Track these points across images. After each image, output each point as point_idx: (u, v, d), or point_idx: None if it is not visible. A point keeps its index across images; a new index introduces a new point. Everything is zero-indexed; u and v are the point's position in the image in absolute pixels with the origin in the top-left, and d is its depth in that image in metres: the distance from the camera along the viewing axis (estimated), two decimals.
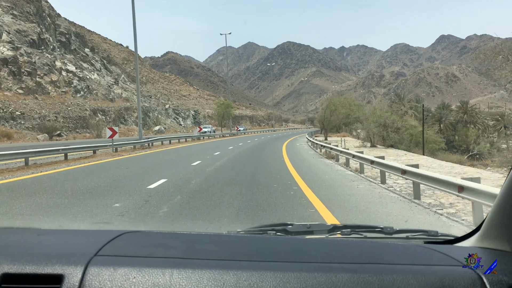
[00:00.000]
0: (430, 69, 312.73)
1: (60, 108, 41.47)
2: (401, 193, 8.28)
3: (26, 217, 5.98)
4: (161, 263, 0.98)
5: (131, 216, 5.93)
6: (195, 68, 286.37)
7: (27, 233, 1.36)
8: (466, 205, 6.57)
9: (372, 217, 5.96)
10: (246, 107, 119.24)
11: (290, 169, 12.47)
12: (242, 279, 0.92)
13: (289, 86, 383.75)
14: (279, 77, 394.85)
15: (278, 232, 1.64)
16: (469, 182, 5.48)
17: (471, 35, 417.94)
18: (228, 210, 6.31)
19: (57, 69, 50.27)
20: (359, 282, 0.92)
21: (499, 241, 1.12)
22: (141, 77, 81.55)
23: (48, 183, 9.60)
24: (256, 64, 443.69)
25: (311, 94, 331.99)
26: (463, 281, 0.94)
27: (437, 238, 1.55)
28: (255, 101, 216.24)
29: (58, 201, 7.26)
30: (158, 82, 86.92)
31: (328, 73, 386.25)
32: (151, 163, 15.24)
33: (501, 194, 1.10)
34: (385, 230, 1.63)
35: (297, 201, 7.18)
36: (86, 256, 0.99)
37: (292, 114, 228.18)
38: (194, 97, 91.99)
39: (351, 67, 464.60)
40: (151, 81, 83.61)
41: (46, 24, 62.55)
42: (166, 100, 77.74)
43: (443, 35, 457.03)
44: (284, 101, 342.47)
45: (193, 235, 1.34)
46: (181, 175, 10.81)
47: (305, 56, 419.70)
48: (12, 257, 0.99)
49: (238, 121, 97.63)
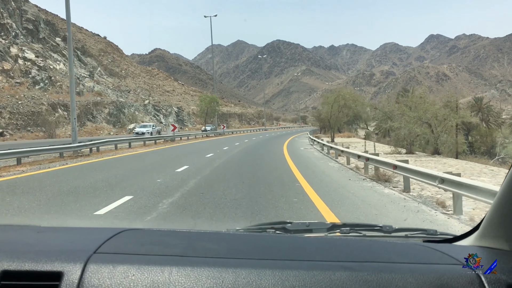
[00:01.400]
0: (420, 68, 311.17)
1: (7, 101, 34.35)
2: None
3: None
4: (160, 260, 0.98)
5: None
6: (183, 65, 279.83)
7: (26, 231, 1.36)
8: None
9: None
10: (235, 104, 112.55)
11: (324, 212, 6.19)
12: (241, 277, 0.92)
13: (279, 84, 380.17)
14: (269, 76, 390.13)
15: (277, 230, 1.63)
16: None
17: (460, 35, 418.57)
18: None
19: (11, 56, 43.05)
20: (358, 280, 0.93)
21: (498, 240, 1.12)
22: (120, 70, 74.49)
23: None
24: (246, 62, 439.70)
25: (301, 93, 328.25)
26: (461, 280, 0.94)
27: (436, 237, 1.54)
28: (245, 99, 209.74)
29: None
30: (139, 76, 79.76)
31: (318, 71, 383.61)
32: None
33: (500, 193, 1.11)
34: (384, 229, 1.62)
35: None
36: (86, 254, 0.99)
37: (282, 112, 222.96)
38: (178, 93, 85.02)
39: (341, 66, 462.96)
40: (131, 75, 76.44)
41: (9, 9, 55.38)
42: (147, 95, 70.82)
43: (432, 35, 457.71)
44: (274, 99, 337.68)
45: (192, 233, 1.34)
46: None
47: (295, 55, 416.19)
48: (12, 254, 1.00)
49: (226, 119, 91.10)
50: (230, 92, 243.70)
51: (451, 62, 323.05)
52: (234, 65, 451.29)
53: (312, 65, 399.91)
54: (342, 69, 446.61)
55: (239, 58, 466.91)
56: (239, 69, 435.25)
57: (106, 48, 75.77)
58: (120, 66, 75.55)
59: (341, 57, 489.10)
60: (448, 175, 6.43)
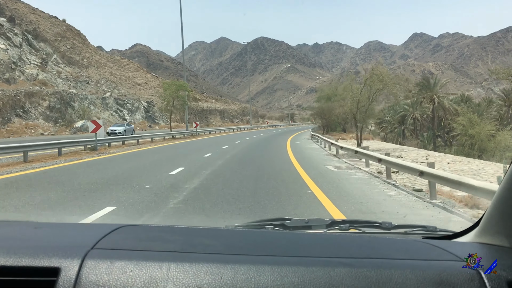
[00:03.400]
0: (406, 66, 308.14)
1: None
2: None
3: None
4: (158, 256, 0.98)
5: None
6: (165, 61, 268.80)
7: (23, 226, 1.36)
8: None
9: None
10: (217, 100, 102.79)
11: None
12: (239, 273, 0.92)
13: (263, 82, 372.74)
14: (253, 73, 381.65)
15: (276, 227, 1.62)
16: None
17: (443, 33, 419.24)
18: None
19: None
20: (357, 276, 0.92)
21: (498, 236, 1.12)
22: (81, 58, 64.01)
23: None
24: (229, 59, 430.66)
25: (285, 91, 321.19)
26: (461, 276, 0.94)
27: (436, 234, 1.54)
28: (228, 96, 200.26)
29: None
30: (105, 66, 69.27)
31: (302, 69, 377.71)
32: None
33: (500, 190, 1.10)
34: (383, 225, 1.62)
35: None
36: (83, 249, 0.98)
37: (266, 110, 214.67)
38: (152, 86, 74.84)
39: (325, 64, 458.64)
40: (95, 64, 65.93)
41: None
42: (112, 88, 60.65)
43: (416, 33, 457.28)
44: (258, 97, 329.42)
45: (190, 229, 1.34)
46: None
47: (279, 52, 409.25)
48: (9, 250, 0.99)
49: (205, 116, 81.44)
50: (213, 90, 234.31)
51: (436, 61, 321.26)
52: (218, 62, 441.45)
53: (297, 62, 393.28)
54: (326, 67, 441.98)
55: (223, 55, 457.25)
56: (222, 67, 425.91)
57: (65, 32, 64.97)
58: (82, 54, 64.99)
59: (325, 55, 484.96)
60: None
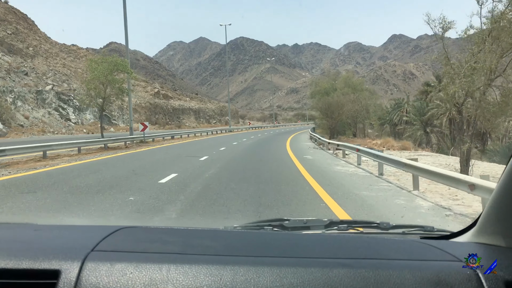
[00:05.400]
0: (387, 66, 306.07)
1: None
2: None
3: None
4: (158, 258, 0.98)
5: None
6: (141, 60, 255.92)
7: (23, 229, 1.36)
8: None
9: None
10: (191, 98, 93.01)
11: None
12: (239, 274, 0.92)
13: (243, 82, 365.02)
14: (232, 73, 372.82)
15: (275, 228, 1.63)
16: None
17: (422, 35, 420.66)
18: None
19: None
20: (356, 277, 0.92)
21: (495, 236, 1.12)
22: (26, 46, 53.72)
23: None
24: (208, 59, 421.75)
25: (265, 91, 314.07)
26: (459, 276, 0.94)
27: (433, 234, 1.55)
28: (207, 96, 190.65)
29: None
30: (57, 56, 59.05)
31: (282, 70, 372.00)
32: None
33: (497, 189, 1.10)
34: (381, 226, 1.63)
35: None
36: (83, 251, 0.98)
37: (246, 111, 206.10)
38: None
39: (305, 64, 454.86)
40: (44, 54, 55.70)
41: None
42: (61, 81, 50.60)
43: (395, 35, 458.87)
44: (237, 97, 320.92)
45: (189, 230, 1.34)
46: None
47: (259, 52, 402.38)
48: (9, 253, 0.99)
49: (178, 116, 72.01)
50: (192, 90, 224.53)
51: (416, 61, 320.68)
52: (197, 63, 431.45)
53: (277, 63, 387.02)
54: (306, 67, 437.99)
55: (202, 56, 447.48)
56: (201, 67, 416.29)
57: (6, 16, 54.54)
58: (27, 42, 54.64)
59: (305, 55, 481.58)
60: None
